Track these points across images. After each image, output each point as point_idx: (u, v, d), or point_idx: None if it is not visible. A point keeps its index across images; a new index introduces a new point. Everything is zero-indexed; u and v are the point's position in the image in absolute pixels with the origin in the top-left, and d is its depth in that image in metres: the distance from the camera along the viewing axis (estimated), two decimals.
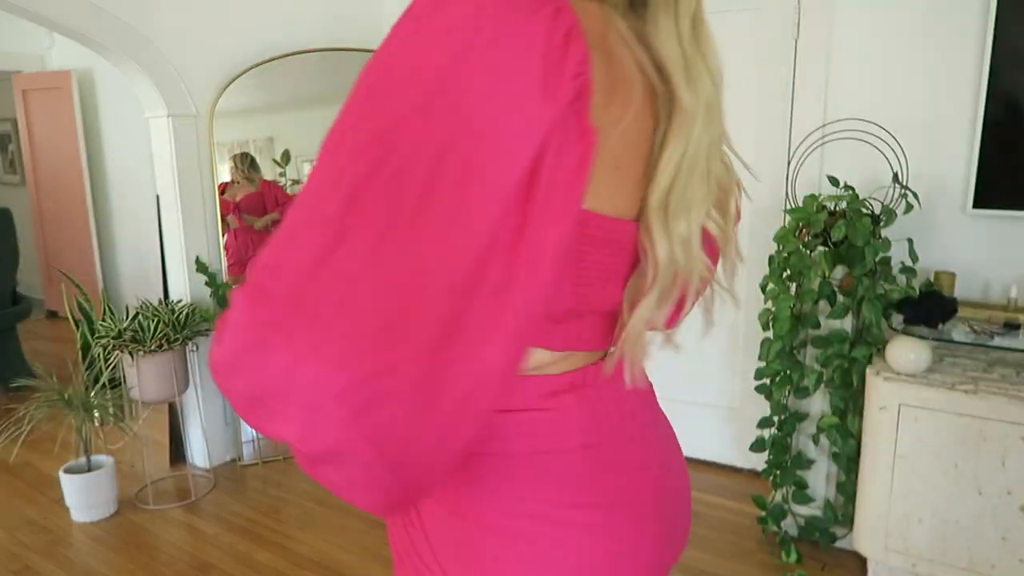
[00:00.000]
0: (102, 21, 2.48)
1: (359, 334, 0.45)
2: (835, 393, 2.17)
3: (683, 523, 0.78)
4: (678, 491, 0.77)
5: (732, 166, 0.73)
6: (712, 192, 0.67)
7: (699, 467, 2.92)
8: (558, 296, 0.60)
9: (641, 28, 0.59)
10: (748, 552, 2.33)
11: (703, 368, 2.88)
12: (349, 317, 0.45)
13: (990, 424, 1.82)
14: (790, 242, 2.14)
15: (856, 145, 2.33)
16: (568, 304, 0.61)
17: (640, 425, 0.72)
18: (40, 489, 2.86)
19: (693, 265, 0.65)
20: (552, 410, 0.64)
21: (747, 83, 2.60)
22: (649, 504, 0.69)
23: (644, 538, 0.68)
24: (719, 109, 0.64)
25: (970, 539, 1.90)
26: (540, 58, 0.46)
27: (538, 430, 0.63)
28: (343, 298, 0.45)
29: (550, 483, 0.63)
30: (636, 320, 0.65)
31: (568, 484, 0.64)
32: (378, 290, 0.45)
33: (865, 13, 2.34)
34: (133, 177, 4.54)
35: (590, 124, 0.50)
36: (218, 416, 3.01)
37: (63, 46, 4.94)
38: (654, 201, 0.61)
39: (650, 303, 0.64)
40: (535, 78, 0.46)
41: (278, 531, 2.52)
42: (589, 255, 0.59)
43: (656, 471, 0.72)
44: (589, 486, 0.65)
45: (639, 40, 0.59)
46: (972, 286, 2.25)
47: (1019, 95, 2.10)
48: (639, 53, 0.59)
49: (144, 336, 2.58)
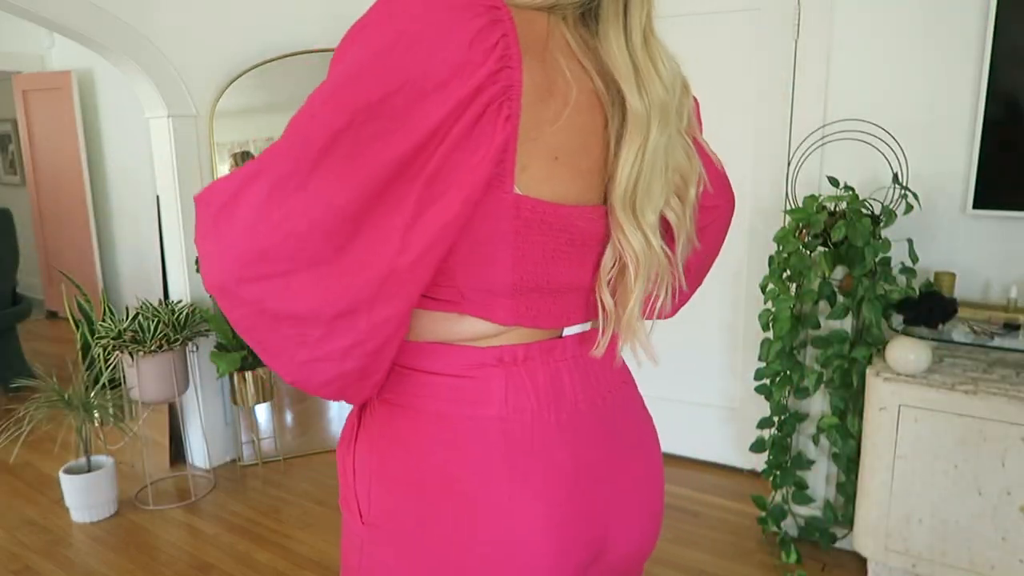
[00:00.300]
0: (102, 21, 2.48)
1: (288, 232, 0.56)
2: (835, 393, 2.17)
3: (635, 513, 0.80)
4: (631, 480, 0.80)
5: (695, 156, 0.78)
6: (670, 182, 0.74)
7: (699, 467, 2.92)
8: (495, 272, 0.66)
9: (591, 40, 0.68)
10: (748, 552, 2.33)
11: (703, 368, 2.88)
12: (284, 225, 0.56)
13: (990, 424, 1.82)
14: (790, 242, 2.14)
15: (856, 145, 2.33)
16: (507, 280, 0.67)
17: (588, 409, 0.76)
18: (40, 489, 2.86)
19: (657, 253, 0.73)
20: (476, 379, 0.70)
21: (747, 83, 2.60)
22: (564, 486, 0.71)
23: (550, 519, 0.70)
24: (675, 110, 0.71)
25: (970, 539, 1.90)
26: (463, 50, 0.55)
27: (460, 396, 0.70)
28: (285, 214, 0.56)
29: (455, 442, 0.69)
30: (632, 306, 0.73)
31: (475, 450, 0.69)
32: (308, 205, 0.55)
33: (865, 13, 2.34)
34: (133, 177, 4.54)
35: (513, 114, 0.59)
36: (218, 416, 3.01)
37: (63, 46, 4.94)
38: (619, 198, 0.69)
39: (640, 290, 0.73)
40: (453, 63, 0.55)
41: (278, 531, 2.52)
42: (525, 235, 0.66)
43: (587, 456, 0.74)
44: (497, 451, 0.69)
45: (588, 50, 0.67)
46: (972, 286, 2.25)
47: (1019, 95, 2.10)
48: (584, 61, 0.67)
49: (144, 336, 2.58)
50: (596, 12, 0.67)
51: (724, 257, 3.11)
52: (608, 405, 0.79)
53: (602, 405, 0.78)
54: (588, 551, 0.76)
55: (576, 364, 0.75)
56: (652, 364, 0.80)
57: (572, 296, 0.74)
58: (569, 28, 0.67)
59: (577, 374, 0.75)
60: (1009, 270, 2.20)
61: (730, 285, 2.77)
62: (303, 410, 3.21)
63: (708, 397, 2.90)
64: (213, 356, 2.75)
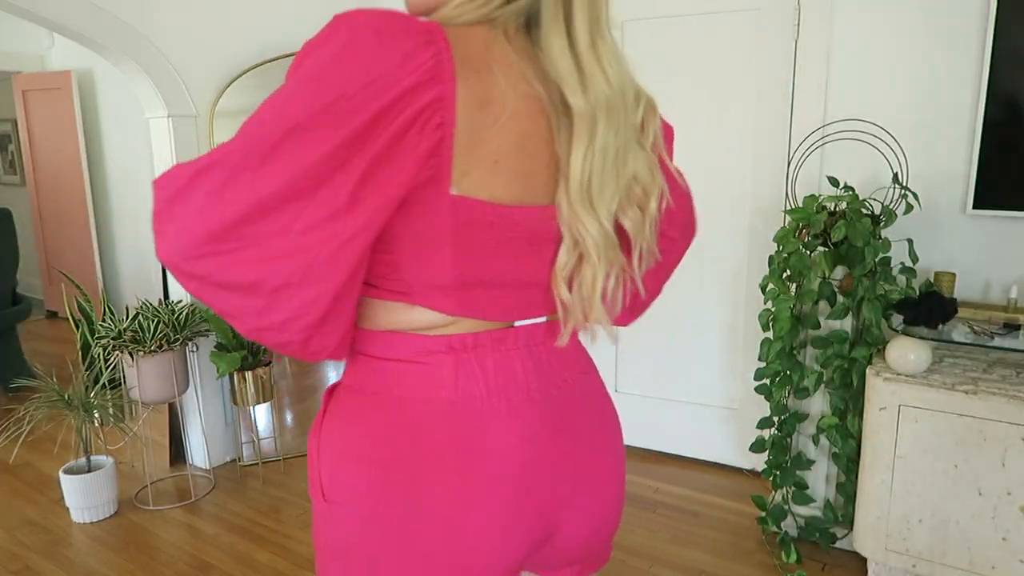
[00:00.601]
0: (102, 21, 2.48)
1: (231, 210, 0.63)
2: (835, 393, 2.17)
3: (585, 500, 0.85)
4: (584, 467, 0.85)
5: (659, 172, 0.82)
6: (627, 188, 0.78)
7: (699, 467, 2.93)
8: (437, 267, 0.72)
9: (532, 49, 0.72)
10: (748, 552, 2.33)
11: (703, 369, 2.88)
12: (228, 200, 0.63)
13: (990, 424, 1.82)
14: (790, 242, 2.14)
15: (856, 145, 2.33)
16: (449, 275, 0.73)
17: (541, 397, 0.80)
18: (40, 489, 2.86)
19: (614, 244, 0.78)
20: (427, 365, 0.76)
21: (747, 83, 2.60)
22: (510, 470, 0.77)
23: (497, 489, 0.76)
24: (625, 110, 0.74)
25: (970, 539, 1.90)
26: (394, 67, 0.62)
27: (413, 380, 0.76)
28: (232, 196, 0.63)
29: (408, 424, 0.75)
30: (594, 295, 0.79)
31: (422, 427, 0.75)
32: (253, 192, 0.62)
33: (865, 13, 2.34)
34: (133, 177, 4.54)
35: (445, 123, 0.65)
36: (218, 416, 3.01)
37: (63, 46, 4.94)
38: (575, 195, 0.74)
39: (602, 276, 0.78)
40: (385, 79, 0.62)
41: (278, 531, 2.52)
42: (466, 234, 0.71)
43: (537, 442, 0.79)
44: (445, 434, 0.75)
45: (529, 59, 0.72)
46: (972, 286, 2.26)
47: (1019, 95, 2.10)
48: (526, 69, 0.71)
49: (144, 336, 2.58)
50: (538, 21, 0.72)
51: (724, 257, 3.12)
52: (563, 393, 0.83)
53: (556, 394, 0.82)
54: (534, 534, 0.80)
55: (530, 353, 0.80)
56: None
57: (530, 291, 0.79)
58: (510, 39, 0.71)
59: (531, 363, 0.80)
60: (1009, 270, 2.21)
61: (730, 285, 2.77)
62: (303, 410, 3.21)
63: (708, 397, 2.90)
64: (213, 356, 2.75)
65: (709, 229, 2.79)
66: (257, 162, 0.62)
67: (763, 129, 2.60)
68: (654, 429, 3.02)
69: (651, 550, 2.35)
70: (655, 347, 2.97)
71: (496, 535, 0.76)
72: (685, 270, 3.38)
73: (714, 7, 2.61)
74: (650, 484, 2.80)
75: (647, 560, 2.30)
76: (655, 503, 2.66)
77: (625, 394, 3.06)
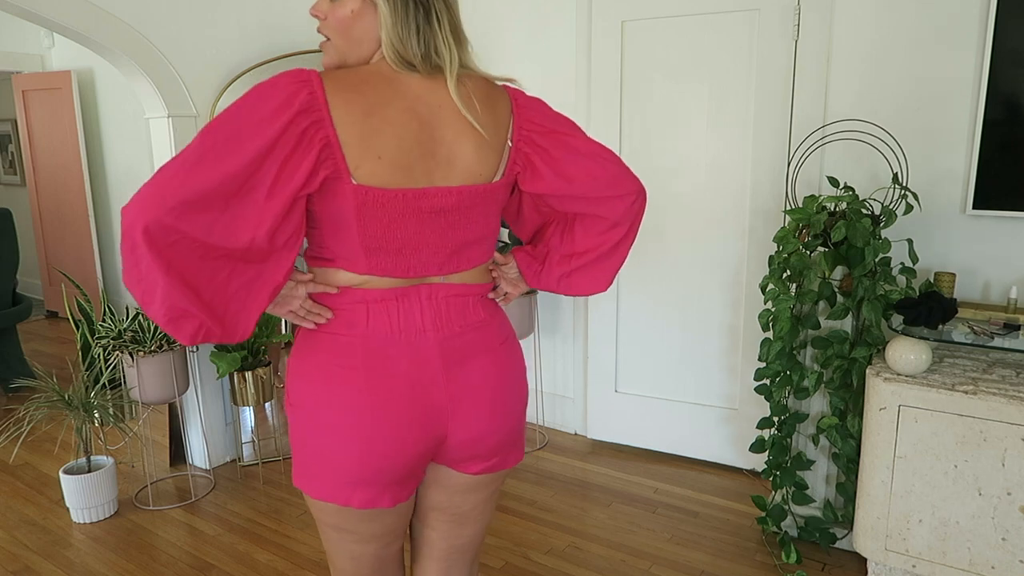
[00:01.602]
0: (102, 21, 2.48)
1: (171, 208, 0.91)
2: (835, 394, 2.17)
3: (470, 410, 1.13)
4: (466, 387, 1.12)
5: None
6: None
7: (699, 467, 2.93)
8: (349, 238, 1.03)
9: (404, 74, 1.03)
10: (748, 552, 2.33)
11: (703, 369, 2.88)
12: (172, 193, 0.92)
13: (990, 425, 1.82)
14: (790, 243, 2.14)
15: (856, 145, 2.33)
16: (357, 244, 1.03)
17: (435, 337, 1.09)
18: (40, 489, 2.86)
19: None
20: (350, 311, 1.08)
21: (747, 83, 2.60)
22: (400, 378, 1.08)
23: (394, 395, 1.07)
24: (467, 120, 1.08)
25: (970, 539, 1.90)
26: (278, 104, 0.94)
27: (341, 321, 1.08)
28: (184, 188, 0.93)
29: (337, 350, 1.08)
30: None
31: (345, 352, 1.08)
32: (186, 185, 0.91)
33: (865, 13, 2.34)
34: (133, 177, 4.54)
35: (328, 135, 0.96)
36: (218, 417, 3.01)
37: (63, 46, 4.94)
38: None
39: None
40: (273, 113, 0.94)
41: (278, 531, 2.52)
42: (366, 212, 1.01)
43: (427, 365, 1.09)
44: (359, 357, 1.07)
45: (400, 81, 1.03)
46: (972, 287, 2.26)
47: (1019, 95, 2.10)
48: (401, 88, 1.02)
49: (144, 337, 2.58)
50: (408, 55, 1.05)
51: (724, 257, 3.11)
52: (458, 335, 1.12)
53: (451, 335, 1.11)
54: (428, 432, 1.10)
55: (431, 304, 1.10)
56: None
57: (423, 253, 1.07)
58: (387, 68, 1.03)
59: (430, 312, 1.09)
60: (1009, 270, 2.21)
61: (730, 285, 2.77)
62: None
63: (708, 397, 2.90)
64: (213, 356, 2.75)
65: (709, 229, 2.80)
66: (193, 161, 0.92)
67: (763, 129, 2.60)
68: (654, 429, 3.02)
69: (651, 550, 2.35)
70: (655, 347, 2.97)
71: (396, 431, 1.07)
72: (685, 270, 3.37)
73: (714, 7, 2.61)
74: (650, 484, 2.80)
75: (647, 560, 2.30)
76: (655, 503, 2.66)
77: (625, 394, 3.06)
